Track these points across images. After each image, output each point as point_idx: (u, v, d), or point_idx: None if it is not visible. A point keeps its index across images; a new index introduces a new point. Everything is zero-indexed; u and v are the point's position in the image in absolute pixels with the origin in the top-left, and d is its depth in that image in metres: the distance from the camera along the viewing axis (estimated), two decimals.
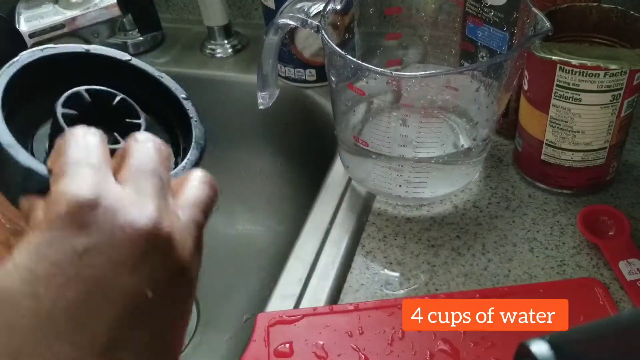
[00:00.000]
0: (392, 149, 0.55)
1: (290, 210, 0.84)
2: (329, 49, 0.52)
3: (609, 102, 0.51)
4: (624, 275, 0.49)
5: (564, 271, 0.51)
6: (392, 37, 0.63)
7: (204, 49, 0.87)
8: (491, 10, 0.55)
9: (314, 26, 0.54)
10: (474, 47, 0.59)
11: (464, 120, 0.59)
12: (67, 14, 0.66)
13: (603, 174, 0.57)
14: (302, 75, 0.77)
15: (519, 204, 0.58)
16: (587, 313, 0.47)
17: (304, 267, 0.54)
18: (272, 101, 0.62)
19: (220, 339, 0.71)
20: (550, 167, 0.57)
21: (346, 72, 0.54)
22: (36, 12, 0.66)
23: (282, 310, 0.49)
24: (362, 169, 0.59)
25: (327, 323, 0.47)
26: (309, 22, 0.54)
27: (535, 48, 0.49)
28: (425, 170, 0.56)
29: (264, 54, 0.59)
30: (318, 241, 0.56)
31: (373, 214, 0.58)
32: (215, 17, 0.84)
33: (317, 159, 0.76)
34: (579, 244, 0.54)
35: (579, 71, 0.50)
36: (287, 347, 0.46)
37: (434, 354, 0.45)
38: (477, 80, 0.55)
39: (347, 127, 0.59)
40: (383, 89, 0.56)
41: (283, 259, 0.56)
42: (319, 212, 0.60)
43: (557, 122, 0.54)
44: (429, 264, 0.53)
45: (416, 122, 0.54)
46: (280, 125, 0.83)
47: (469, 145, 0.58)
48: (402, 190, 0.57)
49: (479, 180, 0.61)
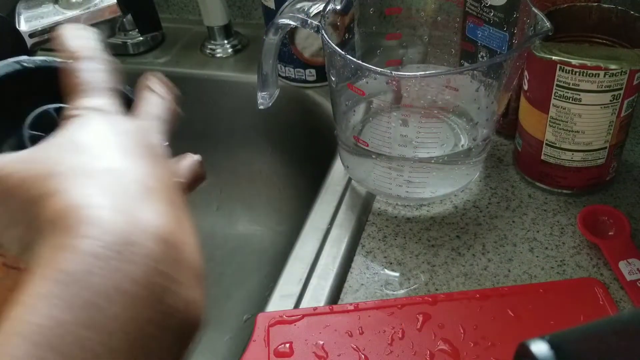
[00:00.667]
0: (392, 149, 0.55)
1: (290, 210, 0.84)
2: (329, 49, 0.52)
3: (609, 102, 0.51)
4: (624, 275, 0.49)
5: (564, 271, 0.51)
6: (392, 37, 0.63)
7: (204, 49, 0.87)
8: (491, 10, 0.55)
9: (314, 26, 0.54)
10: (474, 47, 0.59)
11: (464, 120, 0.59)
12: (67, 14, 0.66)
13: (603, 174, 0.57)
14: (302, 75, 0.77)
15: (519, 204, 0.58)
16: (587, 313, 0.47)
17: (304, 267, 0.54)
18: (272, 101, 0.62)
19: (220, 339, 0.71)
20: (550, 167, 0.57)
21: (346, 72, 0.54)
22: (36, 12, 0.66)
23: (282, 310, 0.49)
24: (362, 169, 0.59)
25: (327, 323, 0.47)
26: (309, 22, 0.54)
27: (535, 48, 0.49)
28: (425, 170, 0.56)
29: (264, 54, 0.59)
30: (318, 241, 0.56)
31: (373, 214, 0.58)
32: (215, 17, 0.84)
33: (317, 159, 0.76)
34: (579, 244, 0.54)
35: (579, 71, 0.50)
36: (287, 347, 0.46)
37: (434, 354, 0.45)
38: (477, 80, 0.55)
39: (347, 127, 0.59)
40: (383, 89, 0.56)
41: (283, 259, 0.56)
42: (319, 212, 0.60)
43: (557, 122, 0.54)
44: (429, 264, 0.53)
45: (416, 122, 0.54)
46: (280, 126, 0.83)
47: (469, 145, 0.58)
48: (402, 190, 0.57)
49: (479, 180, 0.61)
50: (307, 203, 0.62)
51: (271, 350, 0.45)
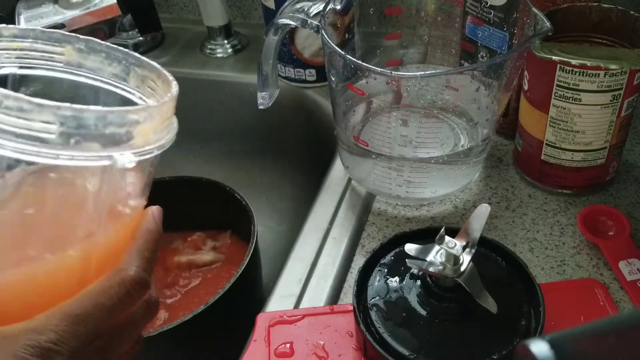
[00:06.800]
0: (392, 149, 0.55)
1: (290, 210, 0.84)
2: (329, 49, 0.52)
3: (609, 102, 0.51)
4: (624, 275, 0.49)
5: (564, 271, 0.51)
6: (392, 37, 0.63)
7: (203, 49, 0.87)
8: (491, 10, 0.55)
9: (314, 26, 0.54)
10: (474, 47, 0.59)
11: (464, 120, 0.59)
12: (67, 14, 0.66)
13: (603, 174, 0.57)
14: (302, 75, 0.77)
15: (519, 204, 0.58)
16: (587, 313, 0.47)
17: (304, 267, 0.54)
18: (272, 101, 0.62)
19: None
20: (550, 167, 0.57)
21: (346, 72, 0.54)
22: (36, 12, 0.66)
23: (282, 310, 0.49)
24: (362, 169, 0.59)
25: (327, 323, 0.47)
26: (309, 22, 0.54)
27: (535, 48, 0.49)
28: (425, 170, 0.56)
29: (264, 54, 0.59)
30: (318, 241, 0.56)
31: (373, 214, 0.58)
32: (215, 17, 0.84)
33: (317, 159, 0.76)
34: (579, 244, 0.54)
35: (579, 71, 0.50)
36: (287, 347, 0.46)
37: None
38: (477, 80, 0.55)
39: (347, 127, 0.59)
40: (383, 89, 0.56)
41: (283, 259, 0.56)
42: (319, 212, 0.60)
43: (557, 122, 0.54)
44: None
45: (416, 122, 0.54)
46: (280, 126, 0.83)
47: (469, 145, 0.58)
48: (402, 190, 0.57)
49: (479, 180, 0.61)
50: (307, 203, 0.62)
51: (272, 350, 0.45)
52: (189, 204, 0.70)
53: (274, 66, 0.60)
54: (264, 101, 0.62)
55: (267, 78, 0.60)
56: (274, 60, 0.59)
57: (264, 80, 0.61)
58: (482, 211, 0.41)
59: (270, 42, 0.58)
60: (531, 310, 0.41)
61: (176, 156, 0.40)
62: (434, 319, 0.41)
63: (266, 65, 0.59)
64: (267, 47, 0.58)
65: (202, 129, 0.87)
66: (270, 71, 0.60)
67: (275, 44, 0.58)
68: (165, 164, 0.37)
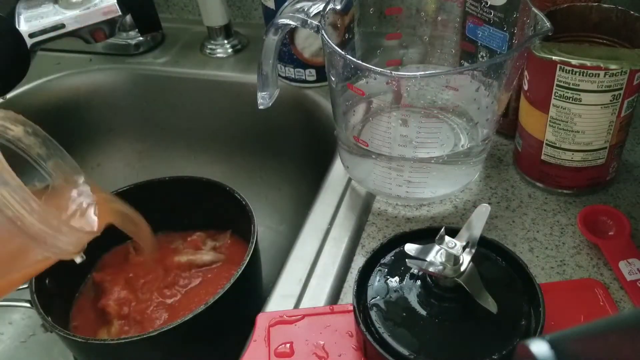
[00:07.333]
0: (392, 149, 0.55)
1: (290, 210, 0.84)
2: (329, 49, 0.52)
3: (609, 102, 0.51)
4: (624, 275, 0.49)
5: (564, 271, 0.51)
6: (392, 37, 0.63)
7: (203, 49, 0.87)
8: (491, 10, 0.55)
9: (314, 26, 0.54)
10: (474, 47, 0.59)
11: (464, 120, 0.59)
12: (67, 13, 0.66)
13: (603, 174, 0.57)
14: (302, 75, 0.77)
15: (519, 204, 0.58)
16: (587, 313, 0.47)
17: (304, 267, 0.54)
18: (272, 101, 0.62)
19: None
20: (550, 167, 0.57)
21: (346, 72, 0.54)
22: (36, 12, 0.66)
23: (282, 310, 0.49)
24: (362, 169, 0.59)
25: (327, 323, 0.47)
26: (309, 22, 0.54)
27: (535, 48, 0.49)
28: (425, 170, 0.56)
29: (264, 54, 0.59)
30: (318, 241, 0.56)
31: (373, 214, 0.58)
32: (215, 17, 0.84)
33: (317, 159, 0.76)
34: (579, 244, 0.54)
35: (579, 71, 0.50)
36: (287, 347, 0.46)
37: None
38: (477, 80, 0.55)
39: (347, 127, 0.59)
40: (383, 89, 0.56)
41: (283, 259, 0.56)
42: (319, 212, 0.60)
43: (557, 122, 0.54)
44: None
45: (416, 122, 0.54)
46: (280, 126, 0.83)
47: (469, 145, 0.58)
48: (402, 190, 0.57)
49: (479, 180, 0.61)
50: (307, 203, 0.62)
51: (271, 350, 0.45)
52: (189, 204, 0.70)
53: (274, 66, 0.60)
54: (264, 101, 0.62)
55: (267, 78, 0.60)
56: (274, 60, 0.59)
57: (264, 80, 0.61)
58: (482, 211, 0.41)
59: (270, 42, 0.58)
60: (531, 310, 0.41)
61: (176, 156, 0.40)
62: (434, 319, 0.41)
63: (266, 65, 0.59)
64: (267, 47, 0.58)
65: (202, 128, 0.87)
66: (270, 71, 0.60)
67: (275, 44, 0.58)
68: (166, 164, 0.37)
